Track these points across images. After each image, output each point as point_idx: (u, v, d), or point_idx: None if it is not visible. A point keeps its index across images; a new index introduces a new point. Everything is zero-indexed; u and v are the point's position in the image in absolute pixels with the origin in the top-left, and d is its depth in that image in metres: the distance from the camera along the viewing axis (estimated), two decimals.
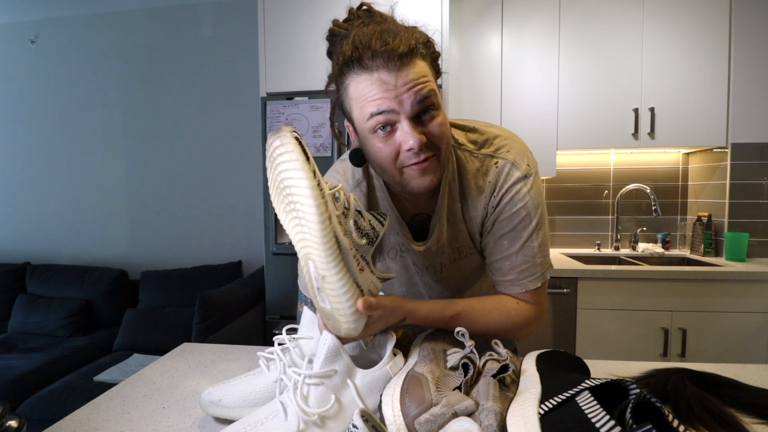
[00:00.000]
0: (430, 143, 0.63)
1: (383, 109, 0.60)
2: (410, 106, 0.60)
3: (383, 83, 0.59)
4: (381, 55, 0.58)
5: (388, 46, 0.58)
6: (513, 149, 0.73)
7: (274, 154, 0.54)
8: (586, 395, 0.46)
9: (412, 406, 0.50)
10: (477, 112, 2.23)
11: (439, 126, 0.63)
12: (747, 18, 2.03)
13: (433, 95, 0.61)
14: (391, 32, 0.60)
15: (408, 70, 0.59)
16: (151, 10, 2.80)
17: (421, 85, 0.60)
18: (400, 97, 0.59)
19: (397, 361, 0.61)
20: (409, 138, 0.61)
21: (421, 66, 0.61)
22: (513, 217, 0.72)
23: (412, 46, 0.59)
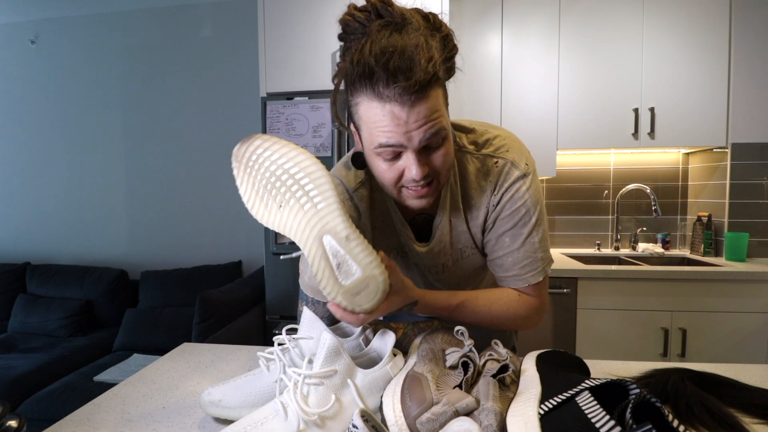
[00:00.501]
0: (432, 172, 0.64)
1: (392, 143, 0.60)
2: (418, 143, 0.60)
3: (395, 117, 0.58)
4: (396, 88, 0.56)
5: (405, 78, 0.55)
6: (512, 148, 0.74)
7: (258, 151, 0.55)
8: (586, 395, 0.46)
9: (413, 406, 0.50)
10: (477, 112, 2.23)
11: (442, 157, 0.63)
12: (747, 18, 2.03)
13: (442, 131, 0.60)
14: (410, 55, 0.55)
15: (421, 107, 0.57)
16: (151, 10, 2.80)
17: (431, 122, 0.59)
18: (410, 133, 0.59)
19: (396, 361, 0.61)
20: (412, 169, 0.61)
21: (435, 98, 0.59)
22: (513, 214, 0.73)
23: (430, 74, 0.56)
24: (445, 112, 0.62)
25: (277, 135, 1.99)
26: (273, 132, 2.02)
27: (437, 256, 0.79)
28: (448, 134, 0.63)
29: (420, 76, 0.55)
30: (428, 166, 0.62)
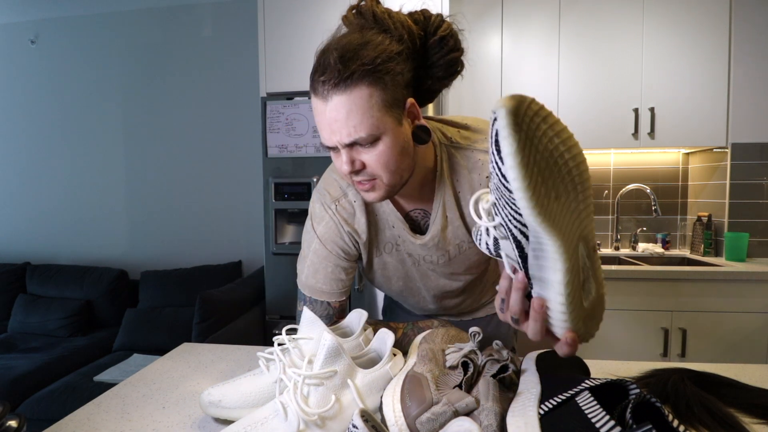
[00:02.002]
0: (369, 169, 0.64)
1: (323, 141, 0.64)
2: (338, 140, 0.61)
3: (320, 112, 0.61)
4: (318, 80, 0.59)
5: (325, 74, 0.58)
6: None
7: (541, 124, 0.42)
8: (586, 395, 0.46)
9: (413, 406, 0.50)
10: (477, 112, 2.23)
11: (375, 157, 0.63)
12: (747, 18, 2.03)
13: (362, 139, 0.60)
14: (339, 51, 0.58)
15: (339, 104, 0.59)
16: (151, 10, 2.80)
17: (350, 126, 0.59)
18: (332, 131, 0.61)
19: (396, 361, 0.61)
20: (341, 164, 0.64)
21: (358, 96, 0.58)
22: None
23: (350, 70, 0.57)
24: (377, 115, 0.60)
25: (277, 135, 2.00)
26: (273, 132, 2.02)
27: (432, 249, 0.79)
28: (382, 136, 0.61)
29: (339, 69, 0.57)
30: (361, 163, 0.64)
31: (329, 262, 0.79)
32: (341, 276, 0.80)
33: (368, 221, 0.79)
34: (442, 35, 0.65)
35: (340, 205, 0.79)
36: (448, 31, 0.65)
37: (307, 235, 0.82)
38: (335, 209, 0.78)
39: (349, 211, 0.78)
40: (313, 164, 2.00)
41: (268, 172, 2.04)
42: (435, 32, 0.65)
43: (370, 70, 0.58)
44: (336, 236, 0.78)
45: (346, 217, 0.78)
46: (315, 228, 0.80)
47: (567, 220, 0.43)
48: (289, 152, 2.01)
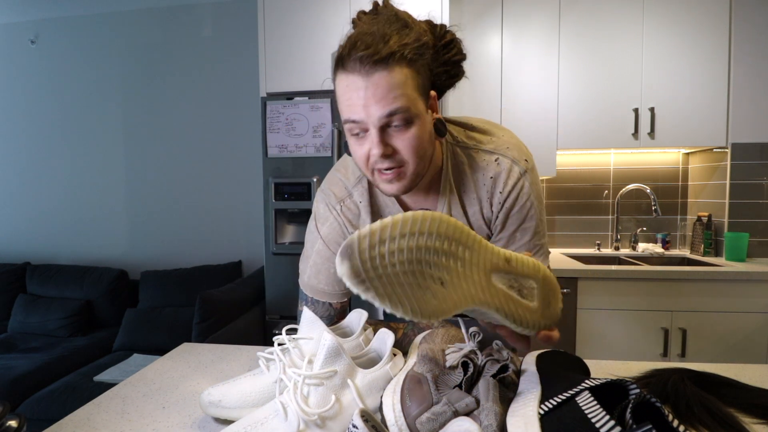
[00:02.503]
0: (397, 155, 0.63)
1: (353, 117, 0.61)
2: (377, 118, 0.60)
3: (356, 88, 0.59)
4: (359, 59, 0.58)
5: (368, 49, 0.57)
6: (511, 146, 0.75)
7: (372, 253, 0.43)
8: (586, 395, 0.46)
9: (413, 406, 0.50)
10: (477, 112, 2.23)
11: (407, 140, 0.62)
12: (747, 18, 2.03)
13: (402, 111, 0.60)
14: (379, 34, 0.58)
15: (380, 79, 0.58)
16: (151, 10, 2.80)
17: (390, 98, 0.59)
18: (368, 106, 0.59)
19: (396, 361, 0.61)
20: (373, 148, 0.62)
21: (398, 75, 0.59)
22: (521, 210, 0.75)
23: (392, 51, 0.57)
24: (413, 96, 0.61)
25: (277, 135, 2.01)
26: (273, 132, 2.02)
27: None
28: (415, 119, 0.62)
29: (380, 47, 0.57)
30: (392, 148, 0.63)
31: (332, 263, 0.79)
32: None
33: (372, 220, 0.79)
34: (449, 39, 0.67)
35: (345, 205, 0.78)
36: (453, 37, 0.67)
37: (310, 235, 0.82)
38: (340, 210, 0.78)
39: (354, 212, 0.78)
40: (313, 164, 2.00)
41: (268, 172, 2.04)
42: (441, 38, 0.67)
43: (411, 53, 0.59)
44: (340, 237, 0.78)
45: (351, 218, 0.78)
46: (319, 228, 0.80)
47: (467, 283, 0.46)
48: (289, 152, 2.01)
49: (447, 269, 0.45)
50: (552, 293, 0.53)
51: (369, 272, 0.41)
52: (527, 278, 0.51)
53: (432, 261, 0.44)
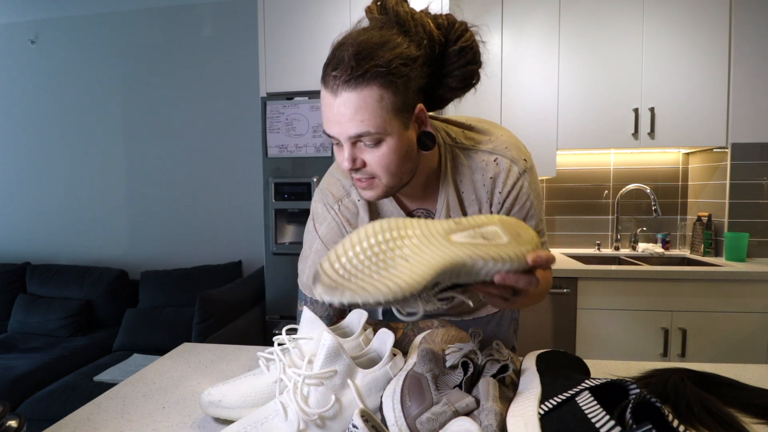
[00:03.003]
0: (368, 169, 0.64)
1: (327, 131, 0.63)
2: (345, 137, 0.61)
3: (328, 105, 0.61)
4: (332, 76, 0.59)
5: (339, 68, 0.58)
6: (510, 146, 0.75)
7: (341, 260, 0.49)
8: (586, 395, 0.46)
9: (413, 406, 0.50)
10: (477, 112, 2.23)
11: (377, 157, 0.63)
12: (747, 18, 2.03)
13: (366, 135, 0.60)
14: (359, 50, 0.57)
15: (348, 100, 0.58)
16: (151, 10, 2.80)
17: (356, 121, 0.59)
18: (339, 124, 0.61)
19: (396, 361, 0.61)
20: (342, 160, 0.64)
21: (369, 96, 0.58)
22: (521, 210, 0.75)
23: (365, 70, 0.57)
24: (385, 116, 0.60)
25: (277, 135, 2.01)
26: (273, 132, 2.02)
27: None
28: (386, 137, 0.61)
29: (352, 65, 0.57)
30: (362, 161, 0.64)
31: None
32: None
33: (371, 219, 0.79)
34: (462, 46, 0.64)
35: (342, 205, 0.78)
36: (469, 42, 0.64)
37: (308, 235, 0.82)
38: (338, 209, 0.78)
39: (352, 211, 0.78)
40: (313, 164, 2.00)
41: (268, 172, 2.04)
42: (456, 41, 0.64)
43: (384, 72, 0.58)
44: (338, 237, 0.78)
45: (349, 218, 0.78)
46: (317, 228, 0.80)
47: (430, 249, 0.49)
48: (289, 152, 2.01)
49: (405, 247, 0.49)
50: (518, 227, 0.54)
51: (338, 280, 0.46)
52: (484, 226, 0.53)
53: (388, 246, 0.48)
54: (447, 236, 0.50)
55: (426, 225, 0.51)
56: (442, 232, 0.51)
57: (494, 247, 0.50)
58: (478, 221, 0.53)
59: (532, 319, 1.95)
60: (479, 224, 0.53)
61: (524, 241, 0.52)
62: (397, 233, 0.49)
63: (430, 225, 0.51)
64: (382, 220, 0.51)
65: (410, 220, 0.51)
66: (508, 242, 0.51)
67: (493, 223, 0.53)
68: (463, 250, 0.49)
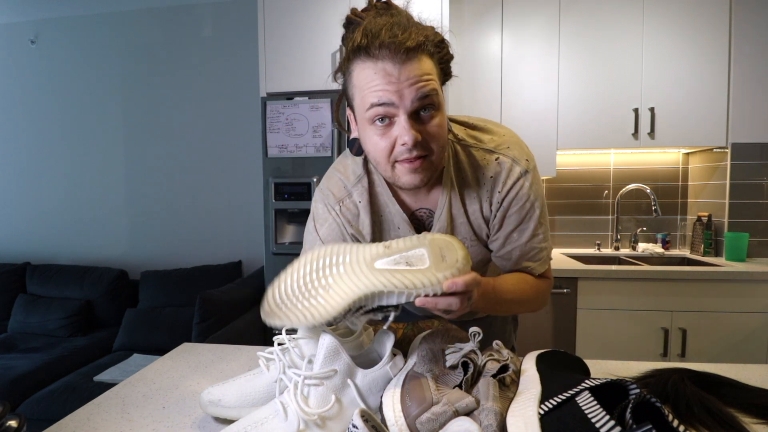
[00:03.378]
0: (425, 142, 0.63)
1: (384, 101, 0.60)
2: (410, 102, 0.60)
3: (387, 74, 0.59)
4: (388, 46, 0.58)
5: (397, 38, 0.58)
6: (512, 145, 0.75)
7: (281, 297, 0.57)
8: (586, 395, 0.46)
9: (413, 406, 0.50)
10: (477, 112, 2.22)
11: (436, 127, 0.63)
12: (747, 18, 2.03)
13: (434, 95, 0.62)
14: (403, 26, 0.60)
15: (413, 65, 0.59)
16: (151, 10, 2.80)
17: (423, 82, 0.60)
18: (401, 91, 0.60)
19: (396, 361, 0.61)
20: (404, 134, 0.61)
21: (426, 63, 0.61)
22: (520, 211, 0.74)
23: (420, 42, 0.60)
24: (437, 82, 0.63)
25: (277, 135, 2.01)
26: (273, 132, 2.02)
27: None
28: (441, 103, 0.64)
29: (411, 38, 0.59)
30: (421, 134, 0.63)
31: None
32: None
33: (373, 222, 0.78)
34: (440, 39, 0.65)
35: (344, 206, 0.78)
36: (440, 36, 0.66)
37: (309, 235, 0.82)
38: (339, 210, 0.78)
39: (353, 213, 0.78)
40: (313, 164, 2.00)
41: (268, 172, 2.04)
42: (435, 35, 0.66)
43: (432, 46, 0.62)
44: (339, 238, 0.78)
45: (350, 219, 0.78)
46: (318, 229, 0.79)
47: (350, 277, 0.54)
48: (289, 152, 2.01)
49: (330, 276, 0.55)
50: (445, 248, 0.56)
51: (273, 307, 0.54)
52: (412, 249, 0.55)
53: (316, 276, 0.55)
54: (371, 264, 0.55)
55: (357, 252, 0.56)
56: (369, 259, 0.55)
57: (410, 274, 0.54)
58: (408, 244, 0.56)
59: (532, 319, 1.95)
60: (408, 248, 0.56)
61: (446, 266, 0.55)
62: (328, 261, 0.56)
63: (360, 252, 0.56)
64: (322, 247, 0.57)
65: (345, 246, 0.57)
66: (427, 267, 0.54)
67: (422, 245, 0.56)
68: (380, 279, 0.53)
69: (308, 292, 0.54)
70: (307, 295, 0.54)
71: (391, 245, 0.56)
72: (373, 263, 0.55)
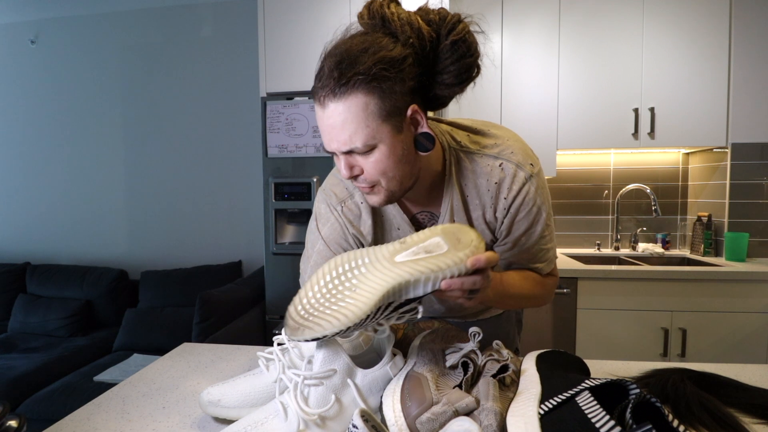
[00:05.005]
0: (367, 175, 0.64)
1: (324, 145, 0.65)
2: (335, 147, 0.62)
3: (318, 117, 0.63)
4: (318, 88, 0.60)
5: (322, 80, 0.59)
6: (516, 150, 0.73)
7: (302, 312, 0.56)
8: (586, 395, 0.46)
9: (413, 406, 0.50)
10: (477, 112, 2.23)
11: (371, 164, 0.63)
12: (747, 18, 2.03)
13: (354, 147, 0.61)
14: (340, 60, 0.58)
15: (334, 112, 0.59)
16: (151, 10, 2.80)
17: (345, 135, 0.60)
18: (329, 134, 0.62)
19: (396, 361, 0.61)
20: (342, 168, 0.64)
21: (354, 105, 0.58)
22: (527, 216, 0.74)
23: (348, 78, 0.57)
24: (372, 124, 0.59)
25: (277, 135, 2.01)
26: (273, 132, 2.02)
27: None
28: (379, 144, 0.61)
29: (335, 76, 0.57)
30: (359, 169, 0.64)
31: None
32: None
33: (374, 223, 0.78)
34: (454, 39, 0.61)
35: (346, 206, 0.78)
36: (461, 34, 0.61)
37: (311, 235, 0.82)
38: (341, 211, 0.78)
39: (355, 213, 0.78)
40: (313, 164, 2.00)
41: (268, 172, 2.04)
42: (448, 35, 0.61)
43: (366, 78, 0.57)
44: (341, 238, 0.78)
45: (352, 219, 0.78)
46: (320, 229, 0.80)
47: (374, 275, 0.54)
48: (289, 152, 2.01)
49: (354, 278, 0.55)
50: (457, 232, 0.57)
51: (299, 321, 0.53)
52: (427, 240, 0.56)
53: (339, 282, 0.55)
54: (391, 259, 0.55)
55: (374, 252, 0.56)
56: (388, 255, 0.55)
57: (433, 259, 0.54)
58: (421, 237, 0.57)
59: (532, 319, 1.95)
60: (422, 239, 0.57)
61: (463, 245, 0.56)
62: (348, 266, 0.56)
63: (377, 251, 0.56)
64: (337, 257, 0.57)
65: (361, 251, 0.57)
66: (447, 251, 0.55)
67: (435, 235, 0.57)
68: (405, 270, 0.53)
69: (334, 297, 0.54)
70: (334, 300, 0.53)
71: (405, 240, 0.57)
72: (393, 258, 0.55)
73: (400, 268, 0.53)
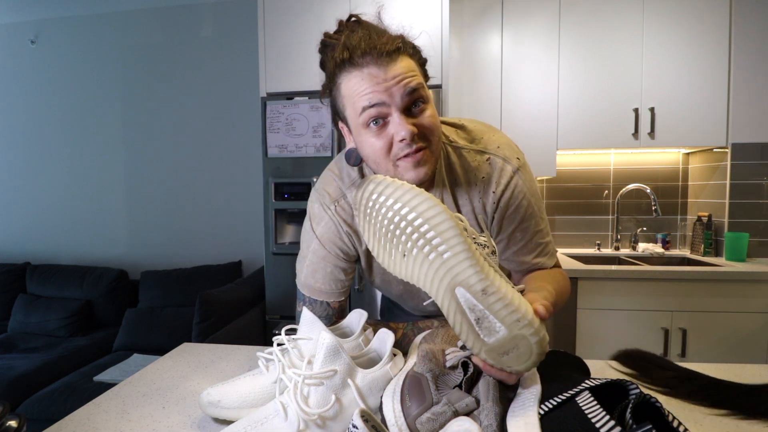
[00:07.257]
0: (422, 134, 0.64)
1: (375, 101, 0.62)
2: (400, 98, 0.62)
3: (373, 77, 0.62)
4: (370, 53, 0.61)
5: (376, 44, 0.61)
6: (502, 144, 0.76)
7: (373, 197, 0.57)
8: (586, 395, 0.46)
9: (413, 406, 0.50)
10: (477, 112, 2.23)
11: (429, 118, 0.65)
12: (747, 18, 2.03)
13: (421, 88, 0.64)
14: (379, 33, 0.63)
15: (395, 65, 0.62)
16: (151, 10, 2.80)
17: (408, 78, 0.62)
18: (390, 89, 0.61)
19: (396, 361, 0.61)
20: (401, 129, 0.62)
21: (408, 62, 0.64)
22: (518, 209, 0.75)
23: (398, 44, 0.63)
24: (421, 76, 0.65)
25: (277, 135, 2.01)
26: (273, 132, 2.02)
27: None
28: (429, 96, 0.66)
29: (389, 42, 0.62)
30: (416, 128, 0.64)
31: (328, 262, 0.79)
32: (340, 276, 0.80)
33: None
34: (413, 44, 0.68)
35: (339, 205, 0.78)
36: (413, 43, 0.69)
37: (306, 235, 0.82)
38: (334, 210, 0.78)
39: (348, 212, 0.78)
40: (313, 164, 2.00)
41: (268, 172, 2.04)
42: None
43: (410, 48, 0.65)
44: (335, 236, 0.78)
45: (345, 218, 0.78)
46: (314, 228, 0.80)
47: (425, 271, 0.52)
48: (289, 152, 2.01)
49: (414, 248, 0.52)
50: (519, 354, 0.50)
51: (362, 209, 0.57)
52: (496, 318, 0.49)
53: (404, 233, 0.53)
54: (453, 289, 0.52)
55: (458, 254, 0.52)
56: (458, 280, 0.51)
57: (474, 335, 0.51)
58: (499, 314, 0.50)
59: None
60: (496, 316, 0.50)
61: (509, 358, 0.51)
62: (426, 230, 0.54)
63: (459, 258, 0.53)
64: (438, 204, 0.53)
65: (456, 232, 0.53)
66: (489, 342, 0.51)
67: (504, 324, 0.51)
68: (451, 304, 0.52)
69: (390, 238, 0.55)
70: (387, 241, 0.55)
71: (488, 293, 0.49)
72: (455, 289, 0.51)
73: (447, 300, 0.51)
